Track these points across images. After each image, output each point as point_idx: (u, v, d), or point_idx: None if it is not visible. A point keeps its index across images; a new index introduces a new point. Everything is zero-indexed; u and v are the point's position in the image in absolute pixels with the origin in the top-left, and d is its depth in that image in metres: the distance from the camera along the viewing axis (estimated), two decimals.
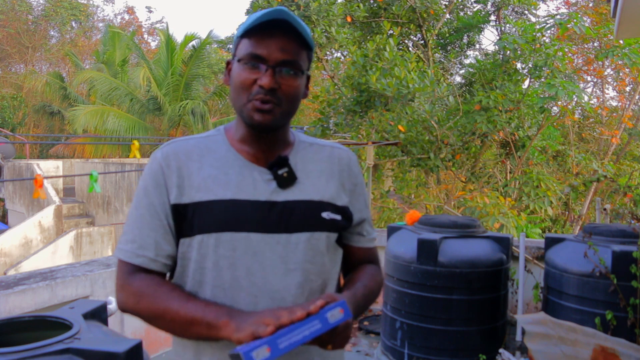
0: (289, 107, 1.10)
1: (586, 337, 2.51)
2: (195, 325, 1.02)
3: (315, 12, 7.73)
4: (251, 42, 1.07)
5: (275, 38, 1.06)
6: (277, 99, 1.07)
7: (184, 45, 16.33)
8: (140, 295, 1.07)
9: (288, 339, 0.91)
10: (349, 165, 1.23)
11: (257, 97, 1.06)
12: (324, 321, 0.94)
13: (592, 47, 9.95)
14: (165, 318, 1.05)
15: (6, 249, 9.29)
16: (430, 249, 3.24)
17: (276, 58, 1.06)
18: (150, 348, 3.34)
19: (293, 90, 1.09)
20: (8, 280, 2.69)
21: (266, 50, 1.06)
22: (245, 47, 1.08)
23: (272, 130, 1.11)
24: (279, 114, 1.08)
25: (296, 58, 1.08)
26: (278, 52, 1.06)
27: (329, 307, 0.95)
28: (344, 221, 1.19)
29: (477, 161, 8.75)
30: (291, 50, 1.07)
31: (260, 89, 1.06)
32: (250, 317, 0.98)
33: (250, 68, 1.07)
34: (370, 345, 3.91)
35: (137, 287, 1.08)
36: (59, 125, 20.52)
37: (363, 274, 1.24)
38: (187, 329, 1.04)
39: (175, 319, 1.04)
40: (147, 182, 1.13)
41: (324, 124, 7.98)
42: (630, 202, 7.43)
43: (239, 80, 1.08)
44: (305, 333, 0.92)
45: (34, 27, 23.59)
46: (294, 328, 0.92)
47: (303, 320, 0.93)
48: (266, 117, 1.07)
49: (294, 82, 1.09)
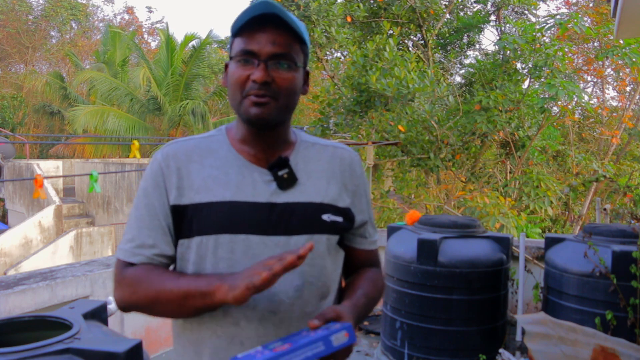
0: (286, 101, 1.09)
1: (586, 337, 2.51)
2: (190, 298, 1.02)
3: (315, 12, 7.73)
4: (243, 39, 1.07)
5: (266, 32, 1.06)
6: (273, 92, 1.06)
7: (184, 45, 16.35)
8: (134, 285, 1.08)
9: (289, 359, 0.90)
10: (352, 165, 1.22)
11: (252, 92, 1.06)
12: (328, 344, 0.92)
13: (592, 47, 9.95)
14: (161, 300, 1.05)
15: (6, 249, 9.29)
16: (430, 249, 3.24)
17: (268, 52, 1.05)
18: (150, 348, 3.34)
19: (288, 84, 1.08)
20: (8, 280, 2.69)
21: (257, 44, 1.06)
22: (237, 45, 1.08)
23: (270, 125, 1.10)
24: (275, 107, 1.07)
25: (289, 51, 1.07)
26: (269, 45, 1.05)
27: (334, 330, 0.94)
28: (346, 223, 1.18)
29: (477, 161, 8.75)
30: (283, 43, 1.06)
31: (253, 83, 1.05)
32: (241, 274, 0.97)
33: (243, 64, 1.07)
34: (370, 345, 3.91)
35: (130, 277, 1.09)
36: (59, 125, 20.53)
37: (364, 280, 1.22)
38: (183, 305, 1.04)
39: (171, 298, 1.04)
40: (147, 182, 1.13)
41: (324, 124, 7.98)
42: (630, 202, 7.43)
43: (234, 78, 1.08)
44: (307, 354, 0.91)
45: (34, 27, 23.58)
46: (297, 348, 0.90)
47: (306, 341, 0.92)
48: (263, 110, 1.06)
49: (288, 74, 1.08)
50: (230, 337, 1.09)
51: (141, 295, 1.07)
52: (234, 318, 1.08)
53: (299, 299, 1.10)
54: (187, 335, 1.15)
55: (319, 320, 0.97)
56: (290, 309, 1.09)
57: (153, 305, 1.07)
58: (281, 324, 1.08)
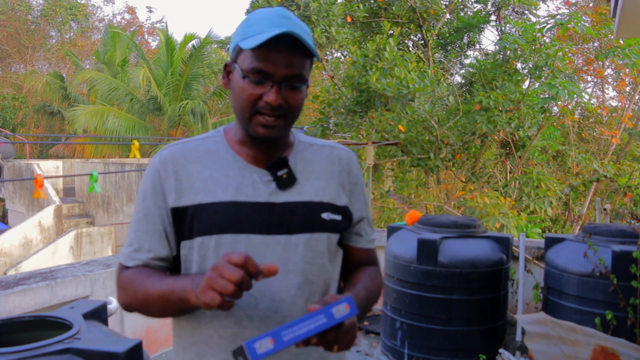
0: (293, 118, 1.11)
1: (586, 337, 2.51)
2: (170, 302, 1.04)
3: (315, 12, 7.74)
4: (256, 56, 1.04)
5: (282, 53, 1.03)
6: (283, 111, 1.07)
7: (184, 45, 16.35)
8: (127, 287, 1.11)
9: (292, 332, 0.90)
10: (349, 165, 1.23)
11: (264, 111, 1.05)
12: (330, 316, 0.93)
13: (592, 47, 9.95)
14: (149, 301, 1.08)
15: (6, 249, 9.30)
16: (430, 249, 3.24)
17: (282, 74, 1.04)
18: (150, 348, 3.34)
19: (298, 103, 1.09)
20: (8, 280, 2.69)
21: (272, 65, 1.04)
22: (249, 61, 1.05)
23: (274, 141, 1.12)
24: (283, 126, 1.09)
25: (301, 71, 1.07)
26: (284, 68, 1.04)
27: (334, 303, 0.94)
28: (344, 221, 1.19)
29: (477, 161, 8.75)
30: (297, 65, 1.05)
31: (266, 104, 1.05)
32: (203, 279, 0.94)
33: (255, 83, 1.05)
34: (370, 345, 3.91)
35: (124, 280, 1.12)
36: (59, 125, 20.54)
37: (363, 276, 1.23)
38: (166, 307, 1.06)
39: (155, 300, 1.06)
40: (146, 187, 1.14)
41: (324, 124, 7.98)
42: (630, 202, 7.42)
43: (244, 96, 1.06)
44: (310, 327, 0.91)
45: (34, 27, 23.60)
46: (299, 322, 0.91)
47: (308, 315, 0.92)
48: (271, 132, 1.07)
49: (299, 95, 1.08)
50: (232, 337, 1.09)
51: (132, 297, 1.11)
52: (236, 318, 1.08)
53: (301, 298, 1.11)
54: (187, 335, 1.15)
55: (319, 304, 0.96)
56: (292, 307, 1.10)
57: (143, 306, 1.10)
58: (283, 323, 1.08)
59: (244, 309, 1.07)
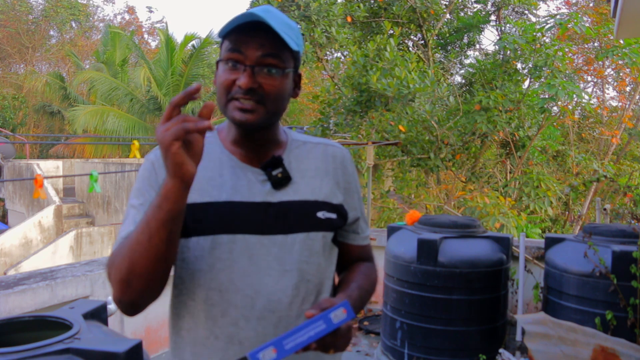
0: (274, 107, 1.08)
1: (586, 337, 2.51)
2: (152, 221, 0.93)
3: (315, 12, 7.73)
4: (231, 42, 1.06)
5: (255, 37, 1.04)
6: (259, 97, 1.05)
7: (184, 45, 16.35)
8: (113, 260, 1.00)
9: (294, 340, 0.92)
10: (343, 162, 1.23)
11: (237, 96, 1.05)
12: (328, 321, 0.95)
13: (592, 47, 9.96)
14: (133, 249, 0.95)
15: (6, 249, 9.30)
16: (430, 249, 3.24)
17: (254, 58, 1.04)
18: (150, 348, 3.34)
19: (275, 89, 1.07)
20: (8, 280, 2.69)
21: (245, 50, 1.05)
22: (225, 48, 1.07)
23: (258, 129, 1.10)
24: (263, 113, 1.06)
25: (277, 57, 1.06)
26: (257, 51, 1.04)
27: (332, 309, 0.97)
28: (339, 219, 1.19)
29: (477, 161, 8.75)
30: (271, 48, 1.05)
31: (239, 88, 1.05)
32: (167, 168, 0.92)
33: (230, 68, 1.06)
34: (370, 345, 3.91)
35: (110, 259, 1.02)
36: (59, 125, 20.53)
37: (357, 274, 1.24)
38: (152, 235, 0.93)
39: (138, 239, 0.95)
40: (140, 183, 1.12)
41: (324, 124, 7.98)
42: (630, 202, 7.42)
43: (220, 81, 1.08)
44: (310, 334, 0.94)
45: (34, 27, 23.58)
46: (299, 329, 0.93)
47: (307, 322, 0.95)
48: (248, 116, 1.05)
49: (275, 81, 1.06)
50: (228, 338, 1.09)
51: (119, 264, 0.98)
52: (232, 318, 1.08)
53: (297, 297, 1.11)
54: (183, 336, 1.15)
55: (315, 310, 0.98)
56: (289, 307, 1.10)
57: (134, 267, 0.96)
58: (280, 323, 1.09)
59: (240, 309, 1.07)
